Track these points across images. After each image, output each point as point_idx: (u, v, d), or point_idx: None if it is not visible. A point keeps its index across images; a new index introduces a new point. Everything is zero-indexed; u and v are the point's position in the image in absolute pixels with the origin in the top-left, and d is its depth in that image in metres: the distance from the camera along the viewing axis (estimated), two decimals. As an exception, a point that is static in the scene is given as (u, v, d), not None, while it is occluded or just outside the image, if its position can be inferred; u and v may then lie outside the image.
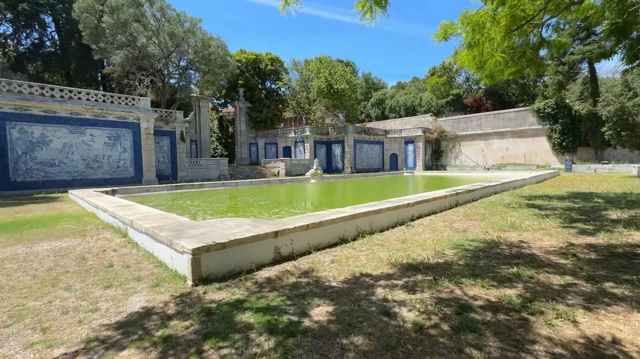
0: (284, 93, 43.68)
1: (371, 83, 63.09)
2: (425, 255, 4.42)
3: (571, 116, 33.35)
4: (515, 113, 37.95)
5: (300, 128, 38.68)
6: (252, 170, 33.10)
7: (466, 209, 8.50)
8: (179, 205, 10.93)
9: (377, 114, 57.07)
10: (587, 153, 33.18)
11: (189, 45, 25.93)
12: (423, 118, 46.60)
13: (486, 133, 39.98)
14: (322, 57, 38.56)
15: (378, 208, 6.20)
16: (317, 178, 25.40)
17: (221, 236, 3.98)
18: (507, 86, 46.22)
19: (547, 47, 10.16)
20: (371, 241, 5.27)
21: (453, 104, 48.84)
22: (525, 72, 10.76)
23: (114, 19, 24.29)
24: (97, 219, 7.96)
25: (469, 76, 50.73)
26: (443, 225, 6.52)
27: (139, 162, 20.62)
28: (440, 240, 5.31)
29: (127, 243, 5.35)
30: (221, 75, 28.30)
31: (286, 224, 4.72)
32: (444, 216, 7.58)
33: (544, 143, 35.90)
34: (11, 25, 28.58)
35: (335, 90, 34.95)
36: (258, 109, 39.19)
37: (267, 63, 41.30)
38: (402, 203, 6.96)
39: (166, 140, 24.69)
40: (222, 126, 45.91)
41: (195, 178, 25.70)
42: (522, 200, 10.16)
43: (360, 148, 39.03)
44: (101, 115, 19.01)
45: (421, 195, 8.35)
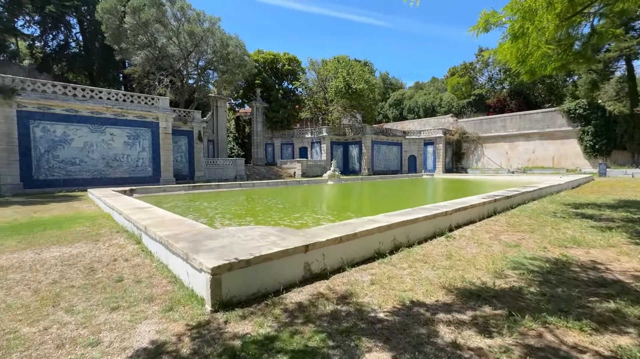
0: (300, 93, 43.32)
1: (389, 83, 61.93)
2: (482, 277, 3.72)
3: (605, 117, 31.34)
4: (543, 114, 36.08)
5: (317, 128, 38.17)
6: (268, 171, 32.81)
7: (507, 218, 7.67)
8: (195, 207, 10.55)
9: (395, 115, 55.88)
10: (622, 157, 31.07)
11: (208, 45, 25.88)
12: (443, 119, 45.16)
13: (511, 135, 38.23)
14: (340, 56, 37.95)
15: (415, 217, 5.51)
16: (335, 180, 24.77)
17: (244, 251, 3.41)
18: (533, 86, 44.19)
19: (597, 39, 9.16)
20: (411, 256, 4.60)
21: (475, 105, 47.13)
22: (571, 67, 9.78)
23: (136, 19, 24.49)
24: (112, 221, 7.61)
25: (492, 75, 48.89)
26: (488, 237, 5.77)
27: (157, 161, 20.58)
28: (493, 256, 4.58)
29: (141, 251, 4.89)
30: (239, 75, 28.14)
31: (316, 236, 4.12)
32: (486, 226, 6.80)
33: (574, 146, 33.94)
34: (39, 27, 29.41)
35: (354, 90, 34.23)
36: (275, 109, 38.95)
37: (284, 63, 41.04)
38: (440, 211, 6.24)
39: (184, 140, 24.67)
40: (238, 126, 46.01)
41: (212, 178, 25.58)
42: (567, 208, 9.19)
43: (378, 150, 38.12)
44: (121, 114, 19.06)
45: (457, 202, 7.59)
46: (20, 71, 26.68)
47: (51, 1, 26.94)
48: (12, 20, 27.22)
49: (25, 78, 16.46)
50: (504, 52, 8.24)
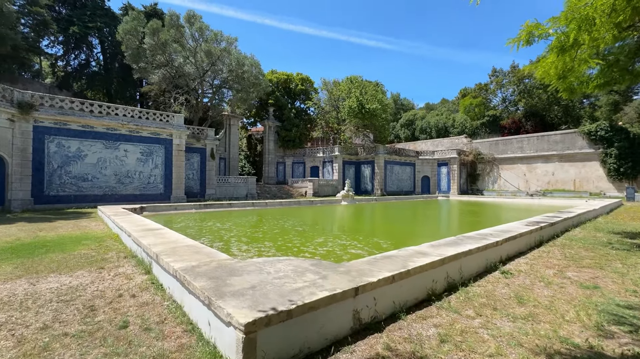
0: (313, 112, 43.43)
1: (400, 104, 62.06)
2: (581, 335, 2.89)
3: (629, 139, 30.19)
4: (562, 136, 35.08)
5: (328, 147, 37.84)
6: (280, 190, 32.26)
7: (560, 249, 6.77)
8: (208, 228, 9.89)
9: (406, 135, 55.50)
10: (650, 181, 29.61)
11: (224, 64, 26.16)
12: (457, 140, 44.46)
13: (529, 157, 37.15)
14: (353, 76, 38.14)
15: (467, 249, 4.72)
16: (349, 201, 23.99)
17: (281, 295, 2.69)
18: (548, 107, 43.46)
19: (645, 54, 8.51)
20: (473, 299, 3.79)
21: (489, 126, 46.45)
22: (615, 85, 9.09)
23: (154, 40, 25.02)
24: (120, 243, 6.98)
25: (506, 96, 48.41)
26: (553, 274, 4.91)
27: (169, 178, 20.24)
28: (575, 302, 3.73)
29: (151, 284, 4.19)
30: (254, 94, 28.23)
31: (363, 273, 3.38)
32: (540, 258, 5.93)
33: (596, 169, 32.63)
34: (62, 46, 30.39)
35: (367, 110, 34.03)
36: (287, 128, 38.94)
37: (297, 83, 41.44)
38: (490, 241, 5.42)
39: (196, 157, 24.44)
40: (250, 144, 46.10)
41: (223, 196, 25.10)
42: (620, 237, 8.22)
43: (390, 170, 37.38)
44: (136, 130, 18.96)
45: (502, 230, 6.74)
46: (41, 88, 27.30)
47: (75, 22, 27.90)
48: (38, 40, 28.19)
49: (44, 94, 16.55)
50: (547, 66, 7.61)
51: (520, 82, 44.84)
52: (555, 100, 42.34)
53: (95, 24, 29.01)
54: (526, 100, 44.33)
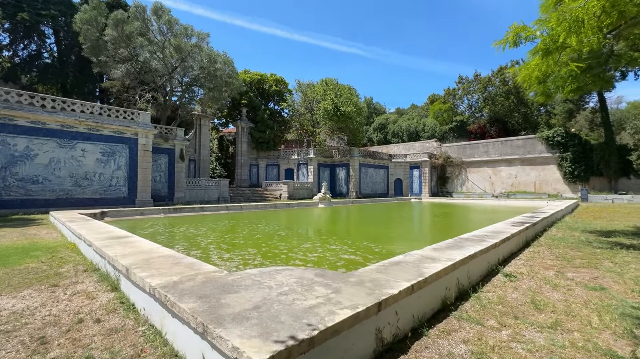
0: (287, 114, 42.81)
1: (373, 108, 63.13)
2: (617, 344, 2.67)
3: (582, 145, 32.73)
4: (523, 141, 37.33)
5: (303, 150, 37.41)
6: (253, 193, 31.25)
7: (548, 249, 6.82)
8: (182, 235, 9.02)
9: (379, 138, 56.46)
10: (600, 183, 32.24)
11: (195, 61, 24.88)
12: (427, 144, 45.88)
13: (494, 160, 39.12)
14: (328, 79, 38.11)
15: (473, 252, 4.47)
16: (326, 203, 23.65)
17: (294, 317, 2.19)
18: (510, 113, 46.17)
19: (615, 61, 8.96)
20: (489, 307, 3.51)
21: (457, 130, 48.48)
22: (587, 90, 9.52)
23: (118, 32, 23.24)
24: (78, 254, 6.03)
25: (472, 103, 50.85)
26: (553, 275, 4.80)
27: (134, 180, 18.71)
28: (589, 305, 3.57)
29: (119, 304, 3.48)
30: (226, 93, 27.12)
31: (379, 284, 2.96)
32: (533, 259, 5.87)
33: (554, 172, 35.02)
34: (9, 35, 27.38)
35: (342, 113, 34.07)
36: (261, 130, 37.97)
37: (271, 84, 40.65)
38: (490, 243, 5.25)
39: (164, 158, 22.94)
40: (222, 146, 44.44)
41: (193, 200, 23.75)
42: (596, 236, 8.53)
43: (365, 172, 37.66)
44: (95, 128, 17.32)
45: (496, 231, 6.66)
46: (-18, 80, 24.33)
47: (25, 8, 25.23)
48: (-22, 26, 25.16)
49: (-15, 85, 14.59)
50: (530, 69, 7.75)
51: (484, 89, 47.29)
52: (515, 107, 45.15)
53: (48, 11, 26.44)
54: (490, 107, 46.82)
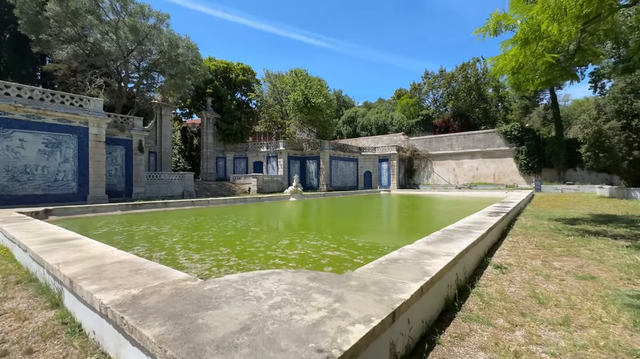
0: (255, 105, 41.36)
1: (342, 101, 63.16)
2: (632, 338, 2.51)
3: (536, 139, 35.11)
4: (484, 135, 39.29)
5: (272, 142, 36.39)
6: (221, 187, 29.86)
7: (523, 238, 6.92)
8: (142, 234, 8.07)
9: (348, 132, 56.69)
10: (550, 174, 34.88)
11: (154, 44, 22.88)
12: (395, 137, 46.80)
13: (457, 153, 40.83)
14: (298, 70, 37.26)
15: (467, 245, 4.26)
16: (297, 196, 23.15)
17: (299, 341, 1.72)
18: (471, 109, 48.40)
19: (580, 56, 9.29)
20: (491, 303, 3.29)
21: (423, 124, 49.96)
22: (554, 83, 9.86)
23: (62, 7, 20.64)
24: (10, 262, 5.03)
25: (437, 98, 52.61)
26: (541, 265, 4.76)
27: (85, 174, 16.86)
28: (588, 296, 3.48)
29: (61, 327, 2.76)
30: (190, 81, 25.36)
31: (384, 287, 2.57)
32: (516, 249, 5.86)
33: (511, 164, 37.31)
34: None
35: (312, 105, 33.50)
36: (228, 121, 36.28)
37: (238, 73, 38.91)
38: (478, 234, 5.11)
39: (120, 150, 20.99)
40: (185, 138, 41.98)
41: (155, 195, 22.07)
42: (563, 224, 8.91)
43: (335, 165, 37.56)
44: (36, 115, 15.26)
45: (478, 221, 6.61)
46: None
47: (-58, -25, 21.55)
48: None
49: None
50: (508, 59, 7.76)
51: (448, 85, 49.07)
52: (476, 103, 47.41)
53: (-27, -20, 22.83)
54: (453, 102, 48.74)
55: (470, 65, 46.72)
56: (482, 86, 47.03)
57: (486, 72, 47.05)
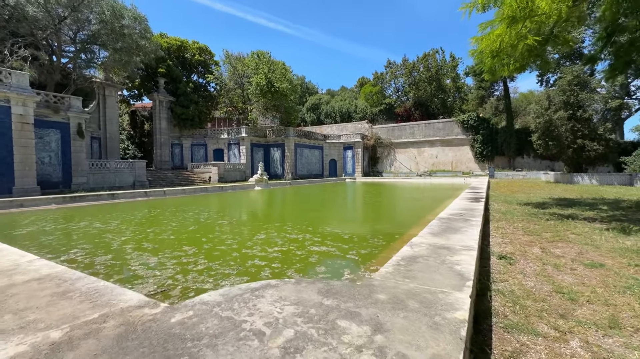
0: (214, 89, 38.65)
1: (305, 87, 61.78)
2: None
3: (490, 128, 37.18)
4: (443, 124, 40.78)
5: (234, 129, 34.39)
6: (177, 176, 27.59)
7: (506, 223, 6.80)
8: (82, 233, 6.67)
9: (312, 119, 55.79)
10: (502, 162, 37.32)
11: (93, 12, 19.85)
12: (360, 125, 46.93)
13: (419, 141, 42.03)
14: (260, 52, 35.27)
15: (476, 236, 3.81)
16: (263, 185, 22.05)
17: None
18: (431, 98, 49.99)
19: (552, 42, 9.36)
20: (521, 303, 2.85)
21: (386, 113, 50.61)
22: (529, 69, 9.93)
23: (-32, -42, 16.91)
24: None
25: (399, 87, 53.52)
26: (541, 253, 4.51)
27: (8, 162, 14.24)
28: (610, 287, 3.18)
29: None
30: (138, 57, 22.60)
31: (428, 302, 1.92)
32: (507, 236, 5.63)
33: (467, 152, 39.27)
34: None
35: (276, 89, 32.01)
36: (184, 105, 33.45)
37: (194, 53, 35.85)
38: (475, 221, 4.74)
39: (55, 135, 18.15)
40: (134, 122, 38.12)
41: (100, 186, 19.59)
42: (530, 208, 9.10)
43: (300, 153, 36.67)
44: (-63, 89, 12.38)
45: (465, 207, 6.31)
46: None
47: None
48: None
49: None
50: (493, 39, 7.48)
51: (410, 74, 50.03)
52: (436, 93, 49.02)
53: None
54: (414, 92, 49.90)
55: (430, 56, 47.89)
56: (441, 77, 48.58)
57: (445, 63, 48.69)
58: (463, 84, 49.15)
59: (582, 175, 21.88)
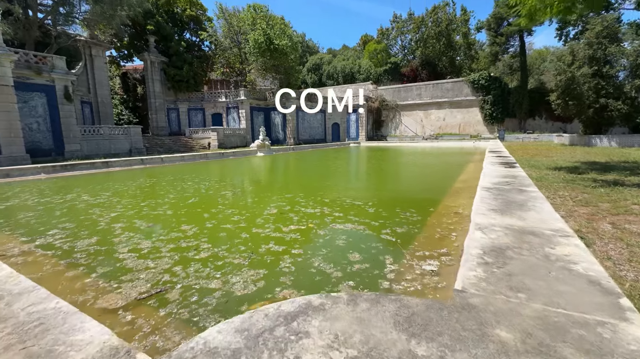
0: (209, 48, 36.12)
1: (306, 46, 58.13)
2: None
3: (502, 88, 35.19)
4: (452, 84, 38.63)
5: (232, 91, 32.59)
6: (175, 142, 26.54)
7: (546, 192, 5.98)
8: (68, 208, 5.90)
9: (314, 80, 53.11)
10: (512, 124, 35.83)
11: (66, -44, 17.54)
12: (364, 87, 44.61)
13: (426, 103, 40.15)
14: (257, 5, 32.40)
15: (557, 215, 2.97)
16: (265, 151, 21.09)
17: None
18: (439, 56, 47.07)
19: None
20: None
21: (391, 73, 47.95)
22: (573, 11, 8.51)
23: None
24: None
25: (405, 44, 50.25)
26: (614, 230, 3.71)
27: (-9, 129, 13.22)
28: None
29: None
30: (123, 11, 20.49)
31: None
32: (559, 207, 4.84)
33: (476, 114, 37.60)
34: None
35: (276, 47, 29.73)
36: (177, 65, 31.35)
37: (185, 7, 32.94)
38: (535, 193, 3.89)
39: (40, 99, 16.87)
40: (126, 85, 36.16)
41: (95, 153, 18.66)
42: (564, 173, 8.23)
43: (302, 117, 35.17)
44: None
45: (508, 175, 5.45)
46: None
47: None
48: None
49: None
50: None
51: (418, 30, 46.65)
52: (445, 50, 46.02)
53: None
54: (422, 49, 46.84)
55: (440, 8, 44.23)
56: (451, 32, 45.28)
57: (455, 17, 45.11)
58: (474, 40, 45.92)
59: (600, 137, 20.74)
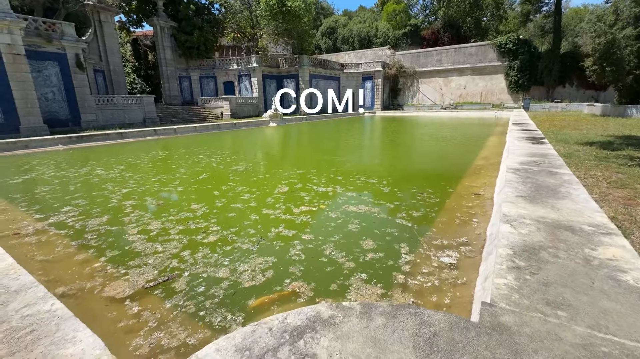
0: (219, 11, 34.60)
1: (320, 7, 54.91)
2: None
3: (530, 52, 32.62)
4: (476, 48, 36.07)
5: (244, 58, 31.58)
6: (188, 112, 26.40)
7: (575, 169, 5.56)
8: (82, 182, 5.94)
9: (328, 45, 50.76)
10: (539, 92, 33.61)
11: None
12: (380, 51, 42.35)
13: (446, 70, 37.94)
14: (267, -37, 30.17)
15: (593, 204, 2.68)
16: (278, 121, 20.72)
17: None
18: (464, 17, 43.64)
19: None
20: None
21: (410, 36, 45.10)
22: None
23: None
24: None
25: (427, 4, 46.68)
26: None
27: (8, 99, 13.35)
28: None
29: None
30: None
31: None
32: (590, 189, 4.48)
33: (500, 81, 35.37)
34: None
35: (288, 9, 28.14)
36: (187, 31, 30.34)
37: (192, -34, 31.14)
38: (568, 176, 3.56)
39: (53, 67, 16.78)
40: (137, 52, 35.59)
41: (110, 123, 18.81)
42: (595, 149, 7.64)
43: (316, 85, 33.99)
44: None
45: (537, 154, 5.06)
46: None
47: None
48: None
49: None
50: None
51: (441, -13, 42.99)
52: (469, 11, 42.50)
53: None
54: (445, 9, 43.43)
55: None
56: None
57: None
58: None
59: (637, 107, 19.18)
